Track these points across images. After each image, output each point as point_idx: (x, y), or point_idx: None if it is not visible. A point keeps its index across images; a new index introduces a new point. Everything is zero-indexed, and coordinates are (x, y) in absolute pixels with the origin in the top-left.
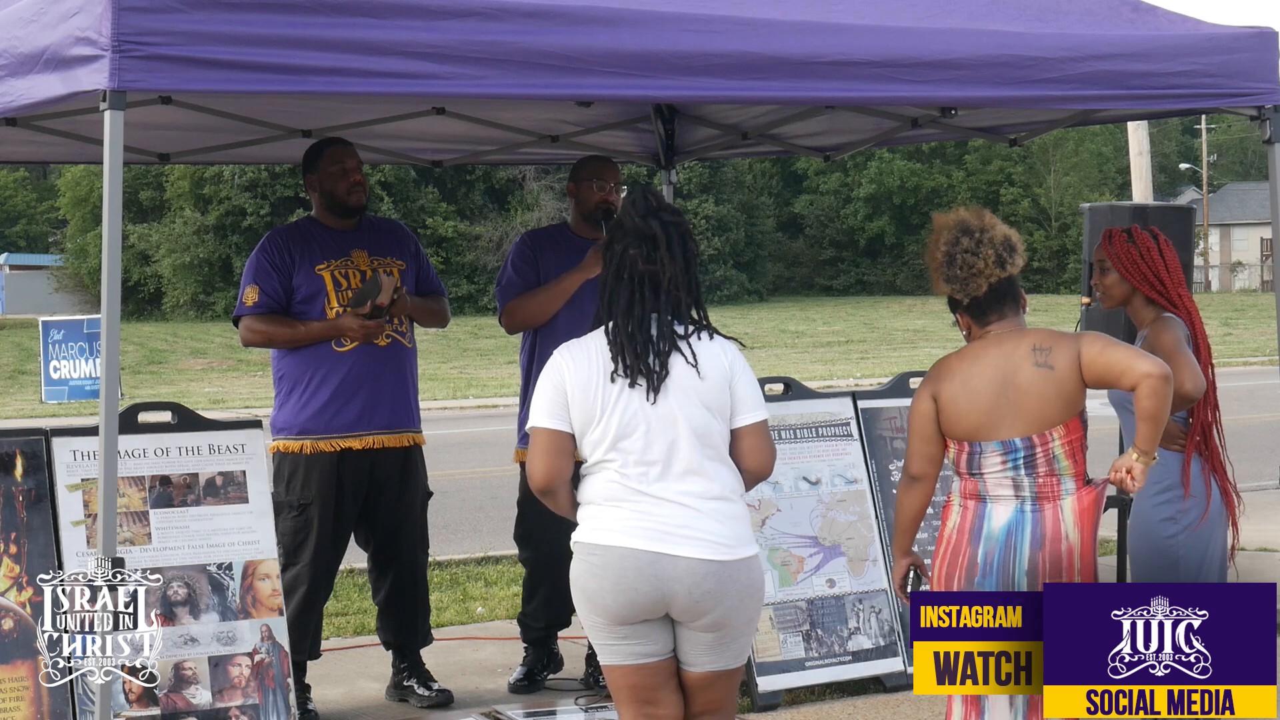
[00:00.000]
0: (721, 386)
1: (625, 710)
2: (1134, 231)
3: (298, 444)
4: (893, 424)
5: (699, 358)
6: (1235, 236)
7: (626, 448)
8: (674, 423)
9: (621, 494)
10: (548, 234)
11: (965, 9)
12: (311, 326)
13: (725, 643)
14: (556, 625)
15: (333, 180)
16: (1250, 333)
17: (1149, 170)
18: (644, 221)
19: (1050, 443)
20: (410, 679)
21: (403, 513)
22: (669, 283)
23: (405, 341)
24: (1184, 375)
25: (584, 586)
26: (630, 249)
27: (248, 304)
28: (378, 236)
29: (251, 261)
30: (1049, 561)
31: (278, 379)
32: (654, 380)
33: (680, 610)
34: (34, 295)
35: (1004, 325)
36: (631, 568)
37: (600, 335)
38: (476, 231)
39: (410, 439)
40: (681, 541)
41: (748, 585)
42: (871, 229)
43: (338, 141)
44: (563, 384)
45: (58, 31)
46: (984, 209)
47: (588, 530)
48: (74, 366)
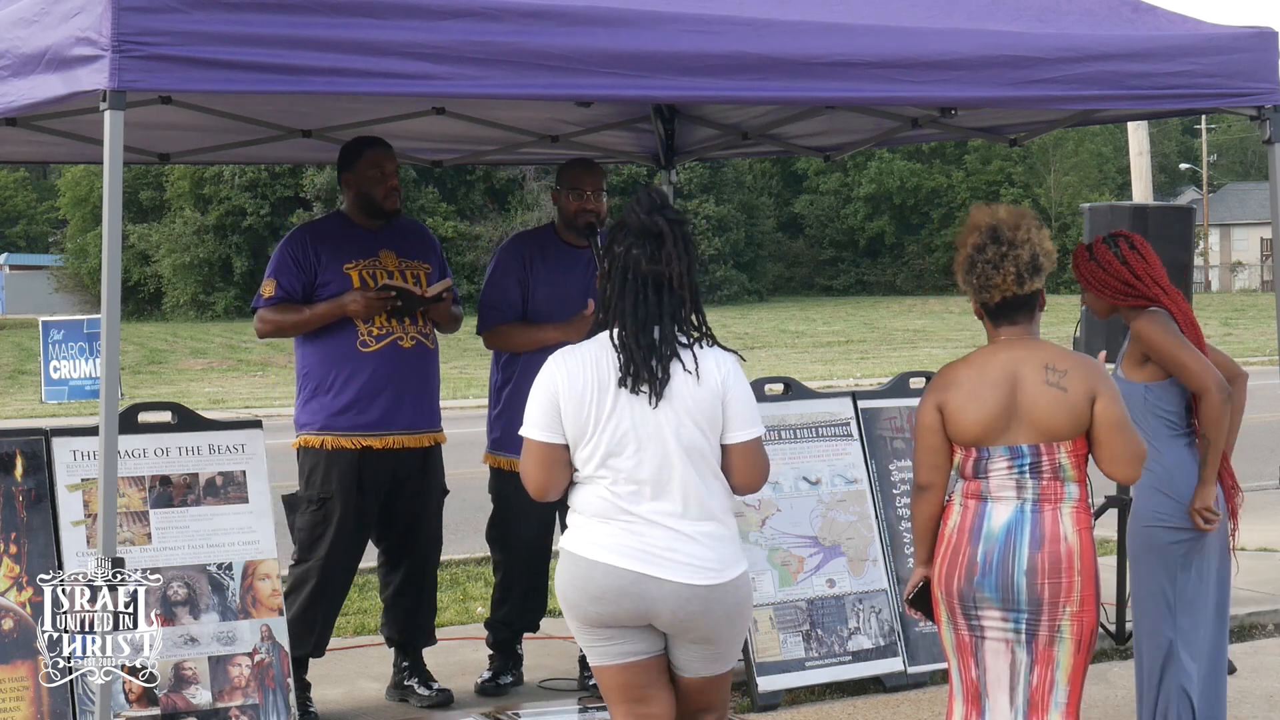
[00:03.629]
0: (715, 400)
1: (616, 710)
2: (1094, 246)
3: (319, 439)
4: (893, 424)
5: (699, 366)
6: (1235, 236)
7: (616, 465)
8: (665, 441)
9: (610, 511)
10: (535, 238)
11: (965, 9)
12: (317, 308)
13: (715, 654)
14: (525, 629)
15: (370, 183)
16: (1250, 333)
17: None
18: (649, 218)
19: (1056, 453)
20: (411, 678)
21: (419, 510)
22: (673, 284)
23: (429, 343)
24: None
25: (565, 595)
26: (634, 249)
27: (264, 296)
28: (405, 238)
29: (275, 255)
30: (1048, 562)
31: (301, 375)
32: (656, 386)
33: (665, 626)
34: (34, 295)
35: (1014, 331)
36: (614, 586)
37: (597, 343)
38: (476, 231)
39: (432, 439)
40: (667, 565)
41: (735, 604)
42: (871, 229)
43: (378, 143)
44: (555, 395)
45: (59, 32)
46: (1027, 213)
47: (575, 541)
48: (74, 366)
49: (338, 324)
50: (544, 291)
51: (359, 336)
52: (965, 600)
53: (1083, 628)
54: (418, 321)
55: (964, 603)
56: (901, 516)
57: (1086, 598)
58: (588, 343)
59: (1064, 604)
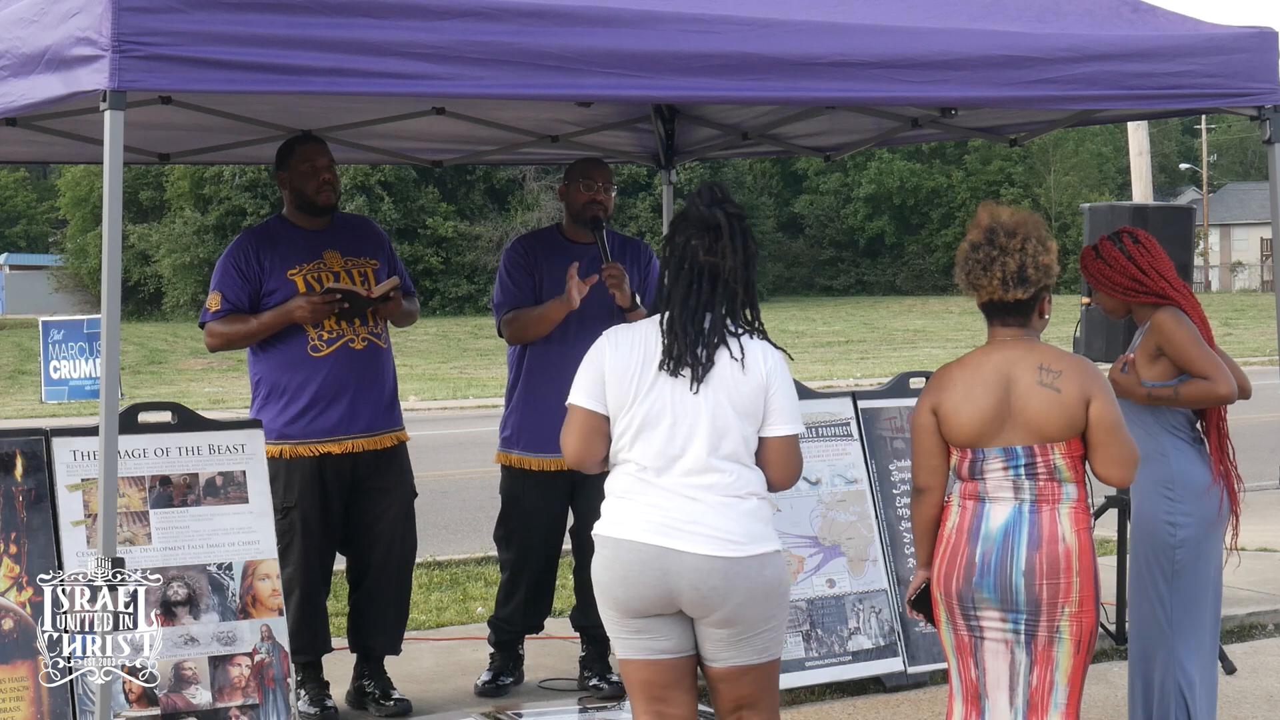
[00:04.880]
0: (758, 391)
1: (637, 705)
2: (1100, 244)
3: (276, 449)
4: (892, 424)
5: (745, 356)
6: (1235, 236)
7: (649, 439)
8: (700, 420)
9: (636, 487)
10: (540, 238)
11: (965, 9)
12: (263, 318)
13: (743, 639)
14: (529, 630)
15: (302, 179)
16: (1250, 333)
17: (1149, 170)
18: (709, 211)
19: (1050, 455)
20: (372, 686)
21: (383, 512)
22: (728, 275)
23: (381, 343)
24: (1218, 393)
25: (598, 579)
26: (693, 239)
27: (210, 310)
28: (349, 236)
29: (219, 266)
30: (1046, 563)
31: (254, 383)
32: (699, 371)
33: (688, 605)
34: (34, 295)
35: (1009, 333)
36: (638, 561)
37: (650, 324)
38: (476, 231)
39: (394, 439)
40: (687, 537)
41: (760, 582)
42: (871, 229)
43: (309, 139)
44: (601, 366)
45: (58, 32)
46: (1031, 223)
47: (604, 523)
48: (74, 366)
49: (288, 330)
50: (550, 289)
51: (310, 342)
52: (964, 601)
53: (1082, 628)
54: (369, 322)
55: (963, 603)
56: (901, 516)
57: (1085, 598)
58: (642, 322)
59: (1062, 605)
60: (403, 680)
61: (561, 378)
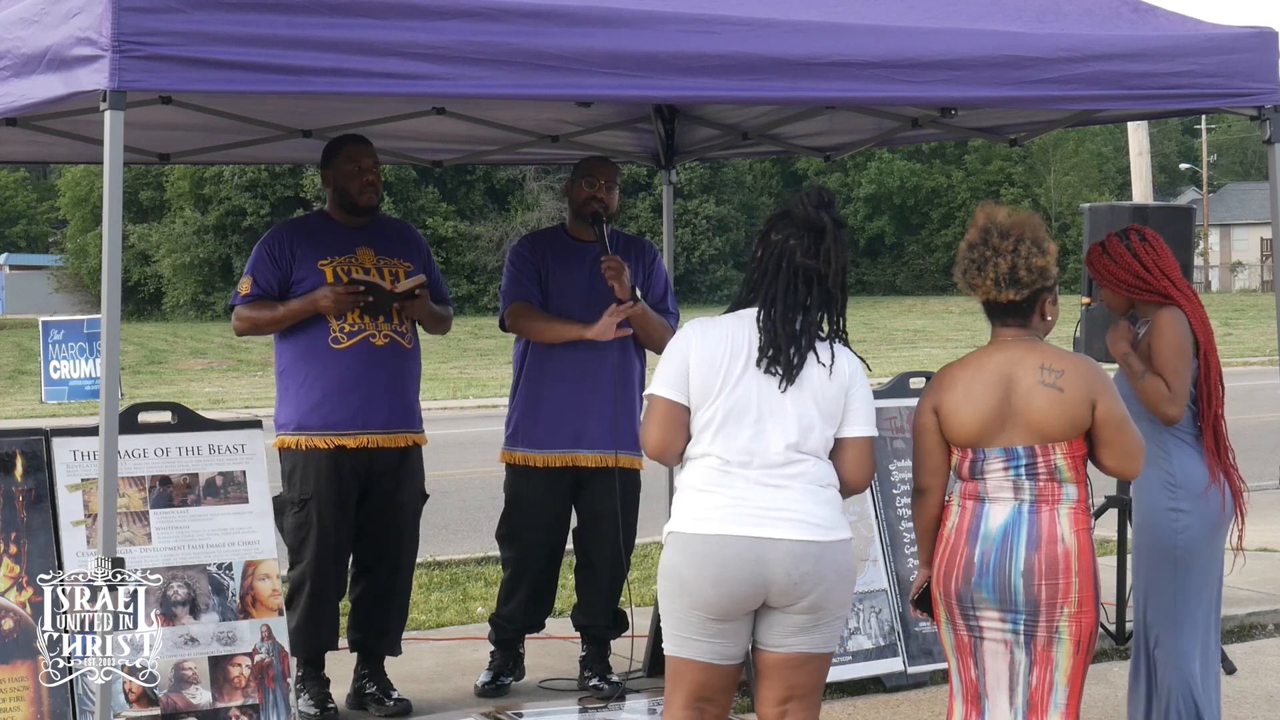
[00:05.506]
0: (841, 394)
1: (676, 700)
2: (1107, 240)
3: (294, 440)
4: (893, 424)
5: (834, 361)
6: (1235, 236)
7: (734, 433)
8: (786, 418)
9: (719, 480)
10: (545, 237)
11: (965, 9)
12: (290, 304)
13: (819, 625)
14: (529, 628)
15: (346, 178)
16: (1250, 333)
17: (1149, 170)
18: (816, 213)
19: (1051, 455)
20: (372, 686)
21: (392, 513)
22: (829, 282)
23: (405, 342)
24: (1165, 405)
25: (684, 579)
26: (792, 239)
27: (241, 294)
28: (386, 236)
29: (255, 251)
30: (1045, 563)
31: (279, 374)
32: (791, 373)
33: (778, 594)
34: (34, 295)
35: (1010, 332)
36: (731, 555)
37: (735, 318)
38: (476, 231)
39: (409, 439)
40: (779, 524)
41: (844, 567)
42: (871, 229)
43: (356, 139)
44: (686, 358)
45: (59, 32)
46: (1029, 225)
47: (685, 519)
48: (74, 366)
49: (312, 321)
50: (555, 286)
51: (331, 333)
52: (963, 601)
53: (1081, 629)
54: (393, 319)
55: (962, 603)
56: (901, 516)
57: (1085, 599)
58: (728, 315)
59: (1061, 605)
60: (403, 680)
61: (564, 375)
